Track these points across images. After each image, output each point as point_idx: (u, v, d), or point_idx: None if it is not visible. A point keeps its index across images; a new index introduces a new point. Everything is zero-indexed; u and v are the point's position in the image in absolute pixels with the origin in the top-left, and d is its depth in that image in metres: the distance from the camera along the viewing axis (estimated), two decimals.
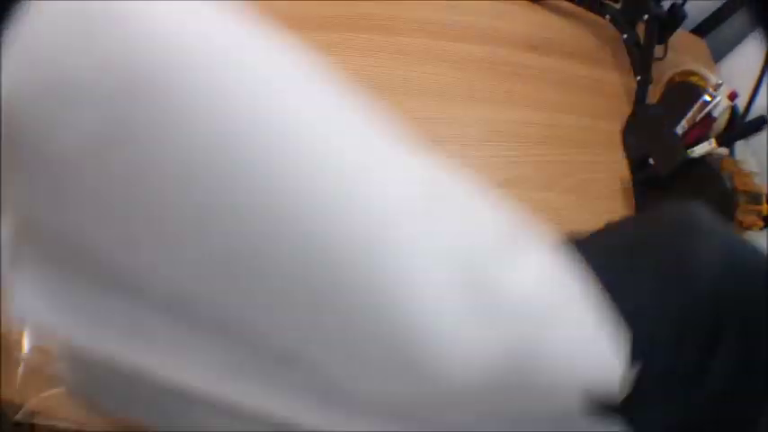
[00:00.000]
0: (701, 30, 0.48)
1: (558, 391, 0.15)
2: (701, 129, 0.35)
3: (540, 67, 0.41)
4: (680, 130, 0.35)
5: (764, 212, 0.34)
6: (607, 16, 0.41)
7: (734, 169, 0.35)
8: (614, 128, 0.40)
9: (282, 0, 0.34)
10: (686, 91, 0.36)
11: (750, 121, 0.33)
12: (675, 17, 0.39)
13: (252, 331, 0.15)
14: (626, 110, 0.41)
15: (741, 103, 0.34)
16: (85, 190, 0.13)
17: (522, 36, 0.42)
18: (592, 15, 0.43)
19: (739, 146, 0.38)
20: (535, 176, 0.36)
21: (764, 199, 0.34)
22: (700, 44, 0.48)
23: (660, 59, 0.42)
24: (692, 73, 0.37)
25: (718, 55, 0.48)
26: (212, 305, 0.14)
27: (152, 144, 0.12)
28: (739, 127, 0.34)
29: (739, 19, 0.45)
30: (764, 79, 0.34)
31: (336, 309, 0.14)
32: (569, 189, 0.37)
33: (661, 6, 0.39)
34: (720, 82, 0.34)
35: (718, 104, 0.34)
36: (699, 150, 0.34)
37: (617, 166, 0.39)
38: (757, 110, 0.35)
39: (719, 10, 0.46)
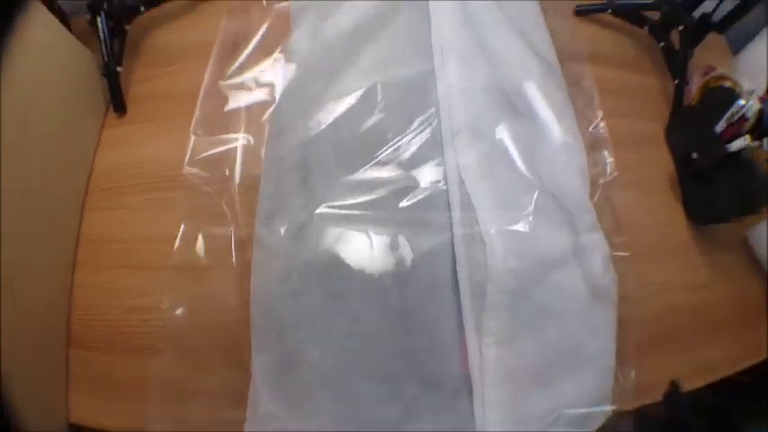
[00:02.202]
0: (719, 27, 0.53)
1: None
2: (737, 127, 0.40)
3: (589, 75, 0.45)
4: (718, 129, 0.41)
5: None
6: (645, 27, 0.46)
7: (766, 157, 0.40)
8: (658, 128, 0.45)
9: None
10: (722, 95, 0.41)
11: None
12: (705, 25, 0.44)
13: None
14: (666, 110, 0.46)
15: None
16: None
17: (567, 47, 0.46)
18: (631, 26, 0.47)
19: None
20: None
21: None
22: (718, 39, 0.53)
23: (690, 57, 0.47)
24: (726, 78, 0.42)
25: (736, 48, 0.53)
26: None
27: None
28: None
29: (753, 16, 0.50)
30: None
31: None
32: (629, 184, 0.42)
33: (693, 17, 0.44)
34: (753, 89, 0.39)
35: (751, 107, 0.39)
36: (735, 145, 0.39)
37: (664, 162, 0.45)
38: None
39: (735, 9, 0.51)
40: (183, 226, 0.36)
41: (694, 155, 0.42)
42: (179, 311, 0.34)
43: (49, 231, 0.36)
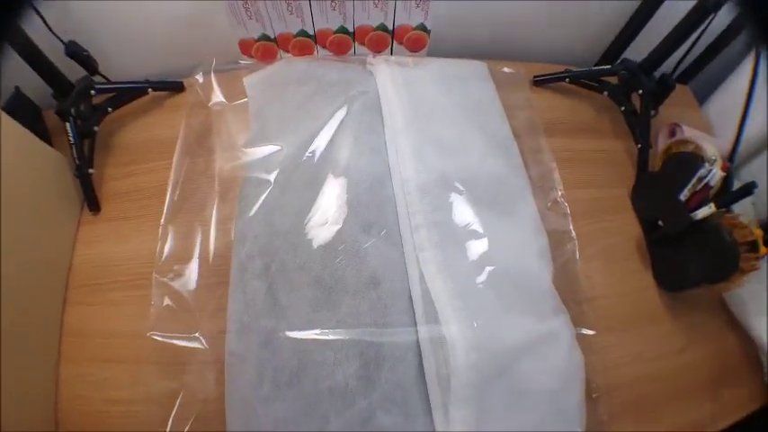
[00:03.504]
0: (684, 77, 0.53)
1: None
2: (701, 195, 0.40)
3: (550, 147, 0.45)
4: (683, 197, 0.41)
5: (762, 254, 0.39)
6: (605, 92, 0.46)
7: (734, 223, 0.40)
8: (623, 192, 0.45)
9: None
10: (685, 162, 0.41)
11: (742, 187, 0.39)
12: (666, 86, 0.44)
13: None
14: (630, 173, 0.46)
15: (725, 143, 0.39)
16: None
17: (525, 122, 0.46)
18: (589, 92, 0.47)
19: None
20: None
21: (761, 243, 0.39)
22: (684, 90, 0.53)
23: (653, 116, 0.47)
24: (688, 142, 0.42)
25: (701, 95, 0.53)
26: None
27: None
28: (733, 192, 0.39)
29: (717, 64, 0.50)
30: (746, 122, 0.40)
31: None
32: (593, 256, 0.42)
33: (653, 77, 0.44)
34: (714, 157, 0.39)
35: (714, 175, 0.39)
36: (701, 213, 0.40)
37: (630, 228, 0.45)
38: (743, 149, 0.40)
39: (699, 58, 0.51)
40: (155, 324, 0.37)
41: (660, 222, 0.42)
42: (157, 405, 0.36)
43: (34, 324, 0.37)
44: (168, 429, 0.35)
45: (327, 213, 0.37)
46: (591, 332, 0.38)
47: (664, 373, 0.42)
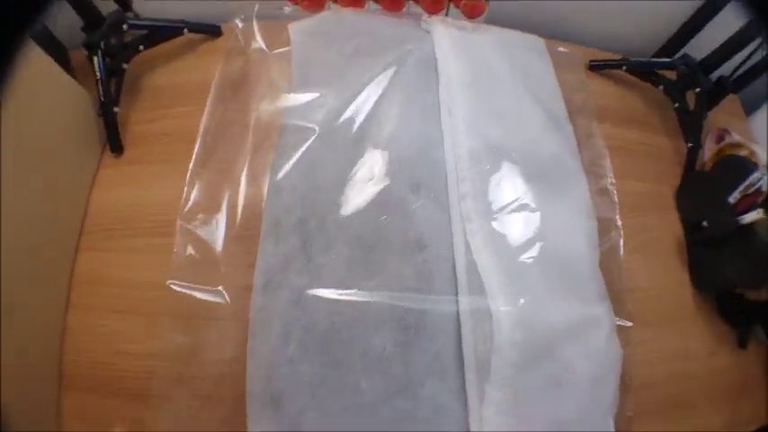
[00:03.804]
0: (734, 86, 0.52)
1: None
2: (751, 199, 0.40)
3: (600, 133, 0.44)
4: (732, 199, 0.40)
5: None
6: (661, 87, 0.45)
7: None
8: (667, 190, 0.45)
9: None
10: (738, 165, 0.41)
11: None
12: (722, 89, 0.43)
13: None
14: (675, 172, 0.45)
15: None
16: None
17: (579, 103, 0.45)
18: (644, 84, 0.46)
19: None
20: None
21: None
22: (732, 100, 0.52)
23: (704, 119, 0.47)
24: (742, 146, 0.41)
25: (749, 109, 0.53)
26: None
27: None
28: None
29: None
30: None
31: None
32: (634, 249, 0.41)
33: (710, 79, 0.43)
34: None
35: (767, 181, 0.38)
36: (748, 218, 0.39)
37: (671, 226, 0.44)
38: None
39: (753, 68, 0.50)
40: (176, 274, 0.35)
41: (705, 223, 0.42)
42: (171, 360, 0.33)
43: (43, 270, 0.35)
44: (182, 388, 0.33)
45: (374, 169, 0.35)
46: (628, 324, 0.37)
47: (693, 375, 0.41)
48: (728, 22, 0.42)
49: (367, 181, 0.35)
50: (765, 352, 0.44)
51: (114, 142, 0.41)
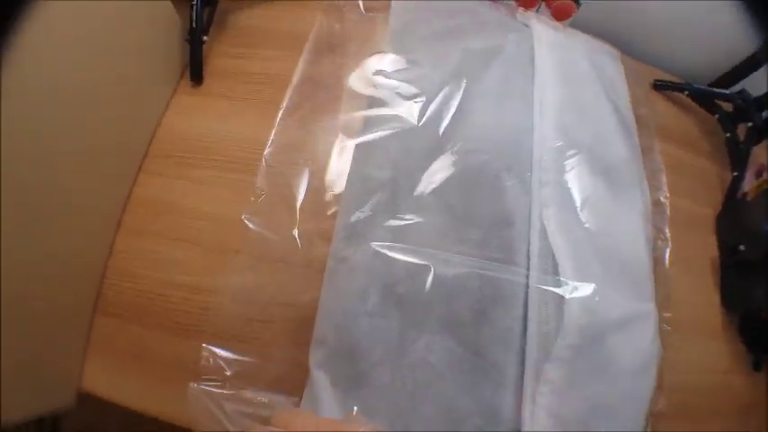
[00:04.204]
0: None
1: None
2: None
3: (658, 149, 0.46)
4: None
5: None
6: (716, 115, 0.48)
7: None
8: (709, 213, 0.47)
9: None
10: None
11: None
12: None
13: None
14: (718, 198, 0.48)
15: None
16: None
17: (643, 117, 0.47)
18: (701, 111, 0.49)
19: None
20: None
21: None
22: None
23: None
24: None
25: None
26: None
27: None
28: None
29: None
30: None
31: None
32: (674, 262, 0.43)
33: (762, 117, 0.46)
34: None
35: None
36: None
37: (709, 246, 0.46)
38: None
39: None
40: (250, 211, 0.34)
41: (742, 247, 0.44)
42: (233, 298, 0.33)
43: (101, 179, 0.34)
44: (241, 328, 0.32)
45: (469, 143, 0.36)
46: (668, 327, 0.39)
47: (708, 389, 0.43)
48: None
49: (462, 153, 0.36)
50: None
51: (196, 70, 0.41)
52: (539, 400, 0.31)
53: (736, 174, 0.47)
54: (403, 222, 0.34)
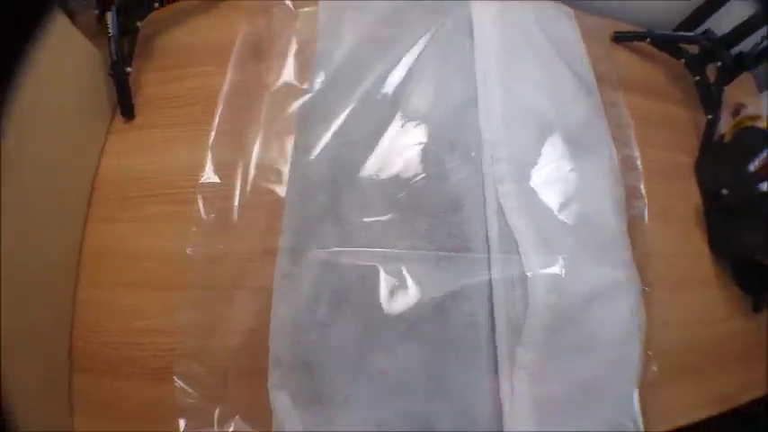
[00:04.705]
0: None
1: None
2: None
3: (625, 103, 0.44)
4: (752, 167, 0.41)
5: None
6: (683, 60, 0.46)
7: None
8: (686, 159, 0.46)
9: None
10: (756, 135, 0.42)
11: None
12: (742, 64, 0.44)
13: None
14: (695, 143, 0.46)
15: None
16: None
17: (605, 73, 0.45)
18: (666, 57, 0.47)
19: None
20: None
21: None
22: (746, 76, 0.54)
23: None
24: (760, 117, 0.43)
25: (762, 85, 0.54)
26: None
27: None
28: None
29: None
30: None
31: None
32: (655, 215, 0.42)
33: (731, 54, 0.44)
34: None
35: None
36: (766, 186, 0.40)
37: (691, 195, 0.45)
38: None
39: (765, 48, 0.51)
40: (194, 245, 0.33)
41: (724, 191, 0.43)
42: (190, 335, 0.32)
43: (50, 242, 0.32)
44: (203, 363, 0.31)
45: (408, 129, 0.34)
46: (648, 288, 0.38)
47: (709, 339, 0.42)
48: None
49: (402, 138, 0.34)
50: None
51: (125, 105, 0.38)
52: (516, 386, 0.30)
53: (710, 117, 0.45)
54: (347, 224, 0.32)
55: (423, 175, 0.33)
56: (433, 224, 0.32)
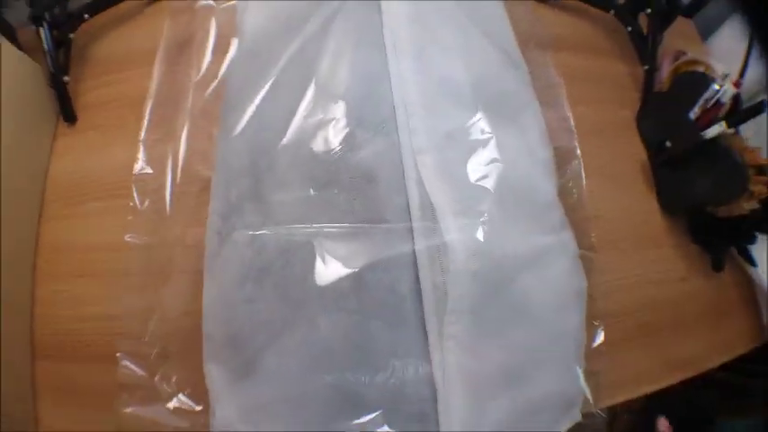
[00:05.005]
0: (688, 10, 0.51)
1: None
2: (712, 113, 0.38)
3: (554, 63, 0.43)
4: (692, 115, 0.39)
5: None
6: (612, 11, 0.44)
7: (742, 146, 0.39)
8: (628, 114, 0.44)
9: None
10: (696, 79, 0.39)
11: (753, 105, 0.37)
12: (674, 8, 0.42)
13: None
14: (634, 97, 0.44)
15: None
16: None
17: (530, 34, 0.43)
18: (595, 10, 0.45)
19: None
20: None
21: None
22: (687, 24, 0.51)
23: (659, 43, 0.45)
24: (698, 62, 0.40)
25: (705, 34, 0.51)
26: None
27: None
28: (744, 110, 0.37)
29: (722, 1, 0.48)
30: (750, 59, 0.38)
31: None
32: (596, 175, 0.40)
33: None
34: (727, 72, 0.37)
35: (726, 92, 0.37)
36: (711, 132, 0.37)
37: (635, 150, 0.43)
38: (746, 85, 0.39)
39: None
40: (131, 233, 0.35)
41: (668, 143, 0.41)
42: (132, 319, 0.33)
43: (8, 239, 0.35)
44: (143, 347, 0.33)
45: (320, 106, 0.35)
46: (591, 254, 0.36)
47: (665, 301, 0.40)
48: None
49: (315, 118, 0.34)
50: (742, 272, 0.42)
51: (67, 111, 0.41)
52: (447, 359, 0.29)
53: (647, 67, 0.43)
54: (268, 204, 0.33)
55: (336, 150, 0.34)
56: (349, 198, 0.33)
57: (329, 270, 0.31)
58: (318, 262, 0.31)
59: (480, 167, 0.34)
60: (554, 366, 0.32)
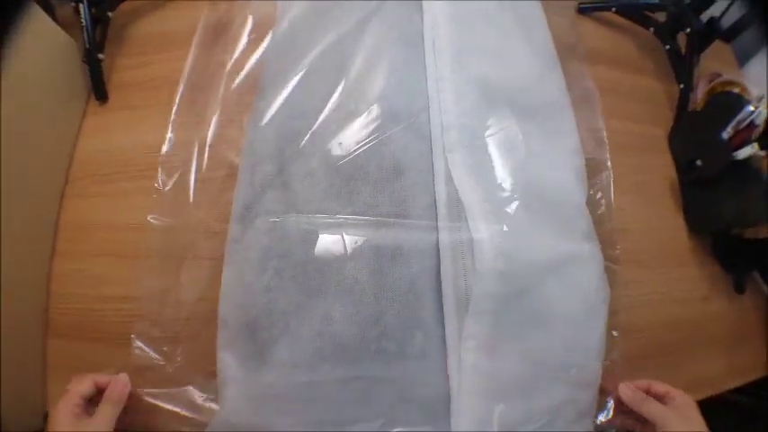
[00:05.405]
0: (727, 36, 0.52)
1: None
2: (745, 134, 0.39)
3: (596, 77, 0.43)
4: (725, 135, 0.39)
5: None
6: (651, 29, 0.44)
7: None
8: (660, 132, 0.44)
9: None
10: (730, 100, 0.39)
11: None
12: (713, 30, 0.42)
13: None
14: (668, 115, 0.44)
15: None
16: None
17: (569, 44, 0.44)
18: (636, 27, 0.46)
19: None
20: None
21: None
22: (725, 49, 0.51)
23: (696, 64, 0.46)
24: (734, 83, 0.40)
25: (742, 60, 0.52)
26: None
27: None
28: None
29: (760, 26, 0.49)
30: None
31: None
32: (627, 190, 0.40)
33: (700, 20, 0.42)
34: (762, 95, 0.38)
35: (760, 114, 0.37)
36: (743, 153, 0.38)
37: (665, 168, 0.43)
38: None
39: (743, 17, 0.49)
40: (154, 214, 0.35)
41: (699, 162, 0.41)
42: (152, 301, 0.33)
43: (29, 216, 0.35)
44: (160, 327, 0.32)
45: (352, 98, 0.35)
46: (616, 266, 0.36)
47: (687, 321, 0.40)
48: None
49: (346, 109, 0.34)
50: (764, 297, 0.42)
51: (99, 89, 0.41)
52: (464, 359, 0.29)
53: (682, 86, 0.43)
54: (293, 193, 0.32)
55: (365, 142, 0.34)
56: (375, 191, 0.32)
57: (349, 262, 0.30)
58: (338, 253, 0.30)
59: (511, 170, 0.34)
60: (570, 375, 0.32)
